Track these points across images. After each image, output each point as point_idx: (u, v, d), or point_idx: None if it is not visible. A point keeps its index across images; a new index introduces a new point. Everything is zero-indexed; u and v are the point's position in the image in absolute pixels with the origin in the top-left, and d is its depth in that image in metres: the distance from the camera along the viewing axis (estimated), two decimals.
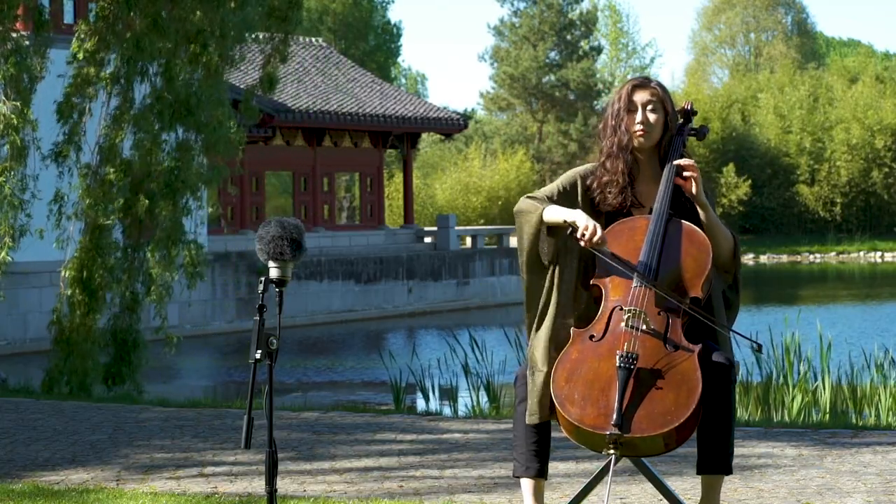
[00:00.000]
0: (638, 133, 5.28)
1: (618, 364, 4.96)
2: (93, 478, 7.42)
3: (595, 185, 5.31)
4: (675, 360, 4.99)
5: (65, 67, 15.17)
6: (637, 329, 5.03)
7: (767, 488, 6.76)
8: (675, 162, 5.26)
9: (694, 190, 5.22)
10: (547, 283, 5.27)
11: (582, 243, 5.09)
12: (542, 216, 5.21)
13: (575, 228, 5.10)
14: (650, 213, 5.24)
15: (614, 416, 4.90)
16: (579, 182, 5.34)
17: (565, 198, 5.29)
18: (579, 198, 5.31)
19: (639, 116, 5.28)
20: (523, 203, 5.29)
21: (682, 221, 5.23)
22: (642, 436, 4.91)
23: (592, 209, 5.30)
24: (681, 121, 5.43)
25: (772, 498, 6.53)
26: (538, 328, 5.25)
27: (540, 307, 5.27)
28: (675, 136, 5.34)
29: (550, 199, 5.27)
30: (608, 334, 5.06)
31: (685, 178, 5.22)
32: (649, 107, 5.28)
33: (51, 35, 15.10)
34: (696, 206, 5.26)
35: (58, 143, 14.82)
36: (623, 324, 5.05)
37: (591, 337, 5.08)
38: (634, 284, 5.10)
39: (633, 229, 5.22)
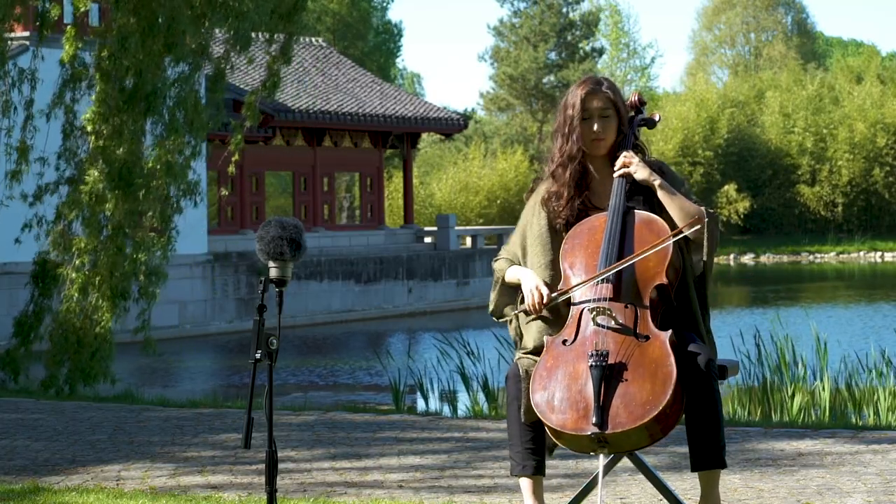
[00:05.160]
0: (594, 142, 5.28)
1: (590, 363, 4.96)
2: (93, 478, 7.42)
3: (546, 197, 5.35)
4: (646, 351, 4.98)
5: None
6: (605, 326, 5.04)
7: (767, 488, 6.76)
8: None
9: (637, 176, 5.24)
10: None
11: (534, 315, 5.20)
12: (503, 280, 5.37)
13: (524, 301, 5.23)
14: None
15: (593, 416, 4.90)
16: (539, 211, 5.36)
17: (524, 245, 5.36)
18: (543, 226, 5.34)
19: (595, 126, 5.27)
20: (494, 266, 5.45)
21: (638, 212, 5.23)
22: (624, 430, 4.88)
23: (551, 227, 5.33)
24: (631, 114, 5.43)
25: (772, 498, 6.53)
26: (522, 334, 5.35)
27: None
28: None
29: (514, 259, 5.37)
30: (579, 336, 5.07)
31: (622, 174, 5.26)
32: (603, 114, 5.27)
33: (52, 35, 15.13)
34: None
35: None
36: (591, 323, 5.07)
37: (564, 342, 5.09)
38: (596, 282, 5.12)
39: (593, 228, 5.24)
